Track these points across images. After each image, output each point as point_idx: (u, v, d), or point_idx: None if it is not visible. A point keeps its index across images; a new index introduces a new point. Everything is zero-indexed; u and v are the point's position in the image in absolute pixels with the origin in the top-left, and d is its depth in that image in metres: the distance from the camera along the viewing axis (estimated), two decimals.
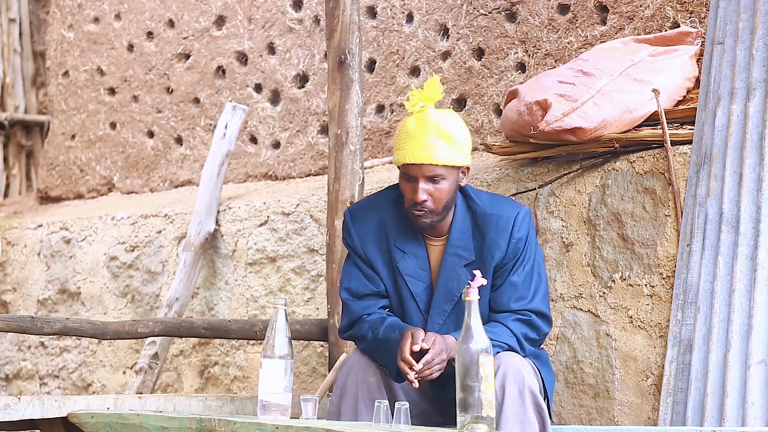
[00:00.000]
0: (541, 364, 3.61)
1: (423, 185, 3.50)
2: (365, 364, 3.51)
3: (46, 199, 6.64)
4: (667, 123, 4.09)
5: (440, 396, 3.62)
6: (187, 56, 6.06)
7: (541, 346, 3.77)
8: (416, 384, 3.39)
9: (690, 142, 4.07)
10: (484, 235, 3.58)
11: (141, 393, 5.08)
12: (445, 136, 3.50)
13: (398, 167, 3.57)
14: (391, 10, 5.34)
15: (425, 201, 3.51)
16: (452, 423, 3.60)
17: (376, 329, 3.56)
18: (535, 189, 4.31)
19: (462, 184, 3.59)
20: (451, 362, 3.42)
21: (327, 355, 4.71)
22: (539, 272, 3.62)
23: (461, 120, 3.58)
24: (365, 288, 3.66)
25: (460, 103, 5.14)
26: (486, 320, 3.53)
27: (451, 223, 3.61)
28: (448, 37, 5.15)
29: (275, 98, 5.75)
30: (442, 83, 5.11)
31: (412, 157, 3.49)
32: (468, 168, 3.59)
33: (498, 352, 3.46)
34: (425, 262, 3.63)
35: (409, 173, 3.51)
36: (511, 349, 3.51)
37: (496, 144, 4.48)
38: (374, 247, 3.65)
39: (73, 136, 6.49)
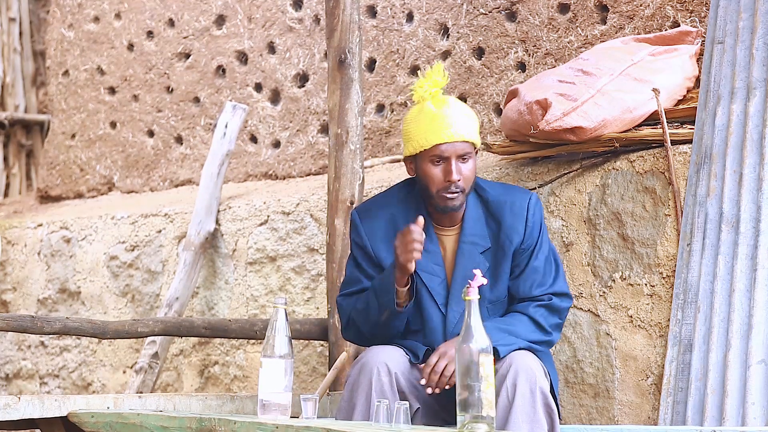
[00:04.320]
0: (547, 364, 3.61)
1: (456, 164, 3.54)
2: (378, 364, 3.49)
3: (46, 198, 6.64)
4: (667, 122, 4.09)
5: (447, 400, 3.62)
6: (187, 56, 6.06)
7: None
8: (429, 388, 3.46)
9: (690, 142, 4.07)
10: (500, 222, 3.61)
11: (141, 392, 5.08)
12: (466, 114, 3.58)
13: (417, 154, 3.57)
14: (391, 9, 5.34)
15: (459, 180, 3.54)
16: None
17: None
18: (535, 188, 4.31)
19: None
20: None
21: (327, 354, 4.71)
22: (554, 255, 3.68)
23: None
24: (362, 285, 3.66)
25: None
26: (500, 307, 3.59)
27: (464, 212, 3.63)
28: (448, 37, 5.15)
29: (275, 97, 5.75)
30: None
31: (444, 136, 3.53)
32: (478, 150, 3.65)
33: (519, 348, 3.49)
34: (439, 257, 3.63)
35: (442, 154, 3.53)
36: (535, 343, 3.54)
37: (496, 143, 4.48)
38: (384, 247, 3.65)
39: (73, 136, 6.49)
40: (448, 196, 3.54)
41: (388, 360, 3.50)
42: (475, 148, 3.59)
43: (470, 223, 3.62)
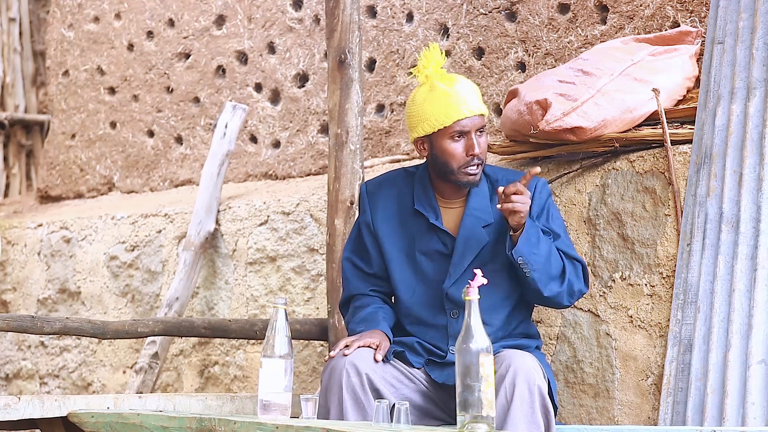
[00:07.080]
0: (545, 366, 3.61)
1: (477, 138, 3.60)
2: (347, 365, 3.51)
3: (46, 198, 6.64)
4: (667, 122, 4.09)
5: (427, 394, 3.63)
6: (187, 56, 6.06)
7: (539, 347, 3.78)
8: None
9: (690, 142, 4.07)
10: None
11: (141, 392, 5.08)
12: (474, 88, 3.65)
13: (433, 133, 3.61)
14: (391, 9, 5.34)
15: (480, 153, 3.61)
16: (433, 420, 3.63)
17: (354, 312, 3.77)
18: None
19: None
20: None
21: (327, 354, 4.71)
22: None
23: None
24: (362, 263, 3.79)
25: None
26: (499, 276, 3.63)
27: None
28: (448, 37, 5.15)
29: (275, 98, 5.75)
30: None
31: (465, 111, 3.58)
32: None
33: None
34: (442, 232, 3.70)
35: (463, 129, 3.59)
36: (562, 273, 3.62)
37: (496, 144, 4.48)
38: (383, 221, 3.74)
39: (73, 136, 6.49)
40: (470, 170, 3.61)
41: (357, 361, 3.52)
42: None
43: (475, 197, 3.68)
